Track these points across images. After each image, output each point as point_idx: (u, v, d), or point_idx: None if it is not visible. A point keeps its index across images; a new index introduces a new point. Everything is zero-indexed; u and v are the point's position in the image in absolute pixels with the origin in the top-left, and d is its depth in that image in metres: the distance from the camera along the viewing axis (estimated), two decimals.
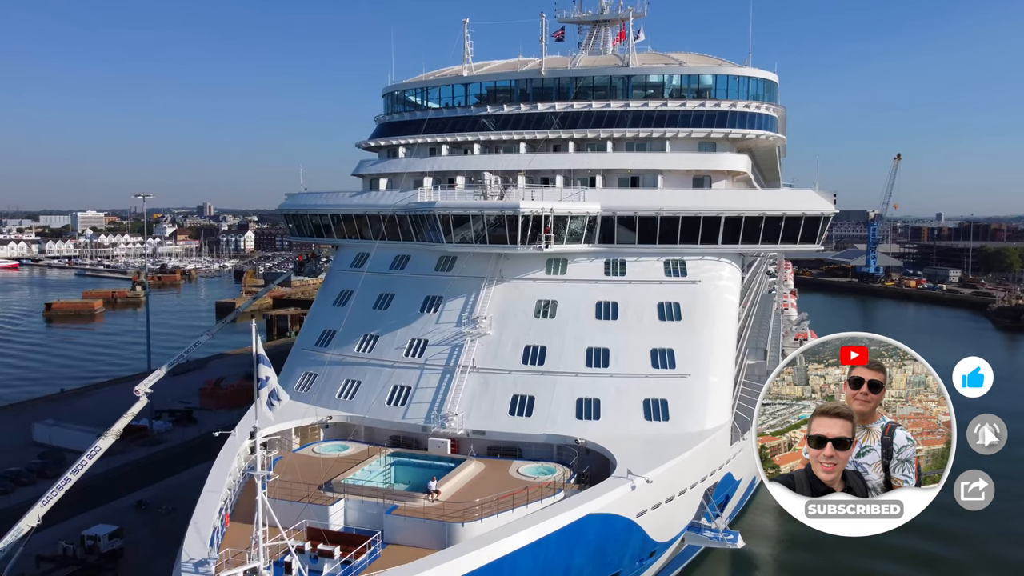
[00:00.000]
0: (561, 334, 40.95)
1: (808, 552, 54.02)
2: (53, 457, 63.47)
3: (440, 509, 29.83)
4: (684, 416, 36.84)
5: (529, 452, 37.13)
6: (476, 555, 25.29)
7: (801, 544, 55.04)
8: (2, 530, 44.21)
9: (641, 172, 46.32)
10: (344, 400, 40.87)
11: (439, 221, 41.85)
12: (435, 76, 54.87)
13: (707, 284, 42.10)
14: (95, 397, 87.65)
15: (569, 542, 28.17)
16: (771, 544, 54.00)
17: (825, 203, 42.34)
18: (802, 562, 50.20)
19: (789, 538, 55.99)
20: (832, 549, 53.81)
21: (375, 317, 44.32)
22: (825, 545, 54.79)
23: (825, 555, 52.44)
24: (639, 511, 31.17)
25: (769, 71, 51.06)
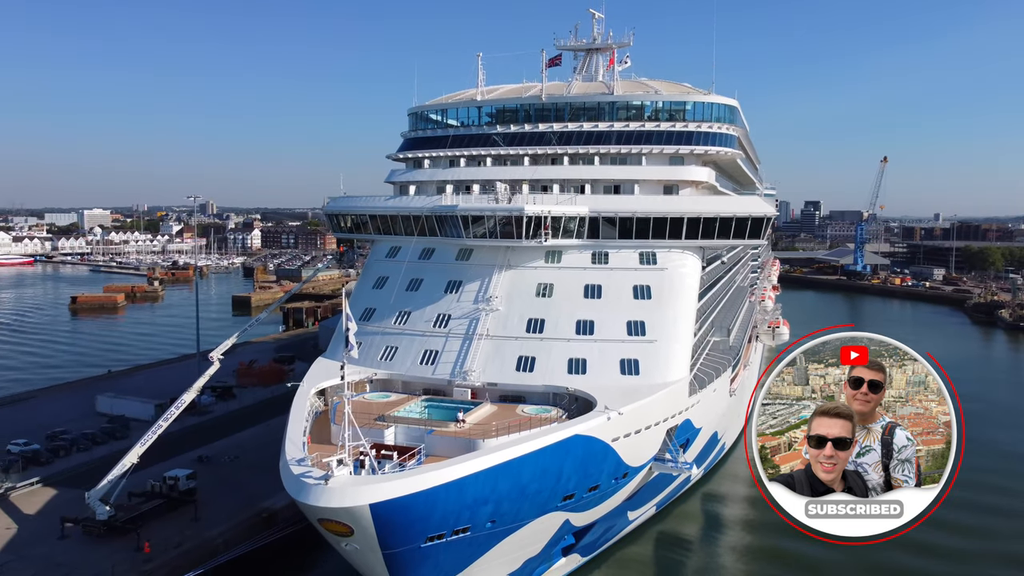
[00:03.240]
0: (556, 309, 50.82)
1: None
2: (119, 422, 73.99)
3: (466, 431, 40.34)
4: (651, 371, 47.02)
5: (531, 399, 46.94)
6: (494, 456, 35.54)
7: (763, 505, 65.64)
8: (97, 475, 54.75)
9: (622, 181, 56.19)
10: (385, 361, 51.13)
11: (460, 220, 52.12)
12: (453, 99, 65.11)
13: (672, 271, 52.09)
14: (141, 376, 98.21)
15: (560, 454, 38.43)
16: (741, 506, 64.29)
17: (767, 207, 52.68)
18: (769, 520, 59.86)
19: (755, 500, 66.71)
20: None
21: (408, 297, 54.46)
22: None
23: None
24: (613, 437, 41.30)
25: (730, 97, 61.54)
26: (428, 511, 33.46)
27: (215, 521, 52.32)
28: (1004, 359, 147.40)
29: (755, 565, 52.42)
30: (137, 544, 47.76)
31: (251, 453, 67.10)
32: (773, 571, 51.24)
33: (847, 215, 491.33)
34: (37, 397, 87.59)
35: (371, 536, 32.96)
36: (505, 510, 37.14)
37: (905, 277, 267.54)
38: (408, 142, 64.74)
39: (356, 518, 32.16)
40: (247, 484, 59.29)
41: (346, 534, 33.28)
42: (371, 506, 31.81)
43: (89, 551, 48.05)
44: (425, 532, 34.25)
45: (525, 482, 37.04)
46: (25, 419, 75.90)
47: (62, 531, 50.19)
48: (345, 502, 31.71)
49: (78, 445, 67.31)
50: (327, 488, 31.90)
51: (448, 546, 35.77)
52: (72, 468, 62.69)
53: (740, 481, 70.91)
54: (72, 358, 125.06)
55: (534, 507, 38.68)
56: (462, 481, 34.04)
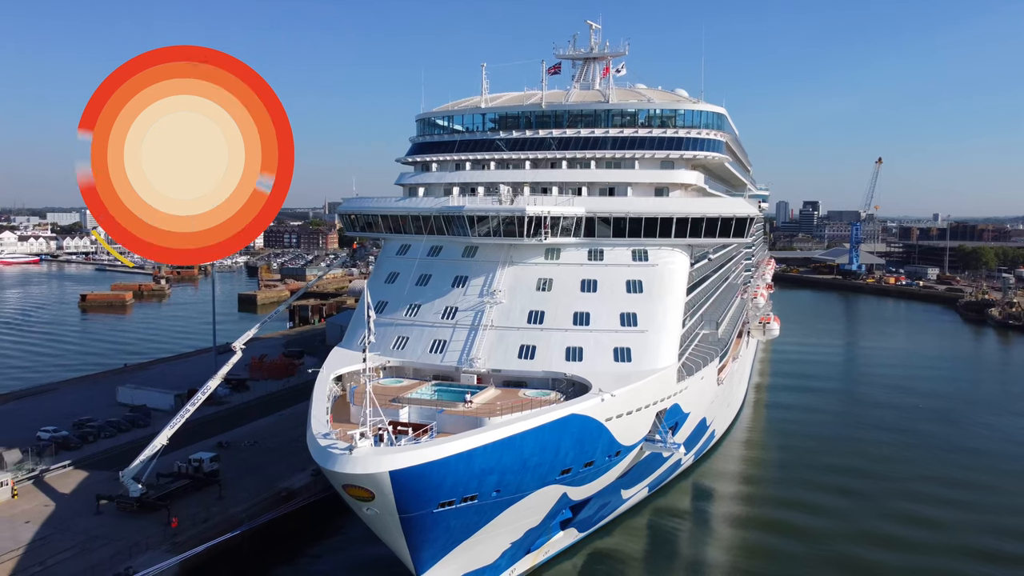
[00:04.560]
0: (555, 302, 54.96)
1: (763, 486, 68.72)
2: (141, 411, 78.38)
3: (473, 411, 44.45)
4: (642, 359, 51.09)
5: (532, 384, 51.07)
6: (499, 431, 39.52)
7: (756, 480, 70.30)
8: (124, 459, 58.96)
9: (616, 184, 60.33)
10: (397, 350, 55.21)
11: (466, 220, 56.18)
12: (458, 106, 69.20)
13: (662, 267, 56.19)
14: (156, 370, 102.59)
15: (558, 430, 42.48)
16: (731, 490, 68.35)
17: (750, 207, 56.76)
18: (757, 509, 63.75)
19: (746, 478, 71.03)
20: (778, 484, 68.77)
21: (418, 291, 58.53)
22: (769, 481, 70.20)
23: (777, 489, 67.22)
24: (607, 417, 45.34)
25: (719, 105, 65.70)
26: (440, 479, 37.52)
27: (238, 499, 56.55)
28: (990, 358, 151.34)
29: (742, 550, 56.23)
30: (167, 519, 51.88)
31: (268, 439, 71.43)
32: (761, 557, 55.02)
33: (845, 215, 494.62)
34: (59, 389, 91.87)
35: (390, 501, 37.03)
36: (509, 481, 41.21)
37: (899, 276, 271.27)
38: (416, 146, 68.82)
39: (377, 483, 36.22)
40: (266, 467, 63.53)
41: (367, 499, 37.34)
42: (391, 473, 35.86)
43: (123, 525, 52.30)
44: (437, 498, 38.33)
45: (527, 455, 41.11)
46: (50, 408, 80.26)
47: (97, 508, 54.41)
48: (368, 469, 35.77)
49: (104, 432, 71.65)
50: (352, 457, 35.95)
51: (458, 512, 39.86)
52: (100, 452, 67.01)
53: (731, 466, 75.26)
54: (87, 353, 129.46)
55: (535, 479, 42.76)
56: (470, 453, 38.10)
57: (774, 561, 54.21)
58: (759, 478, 72.24)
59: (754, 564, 53.74)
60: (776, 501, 65.43)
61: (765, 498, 66.34)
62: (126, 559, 46.68)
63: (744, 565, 53.63)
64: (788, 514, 62.31)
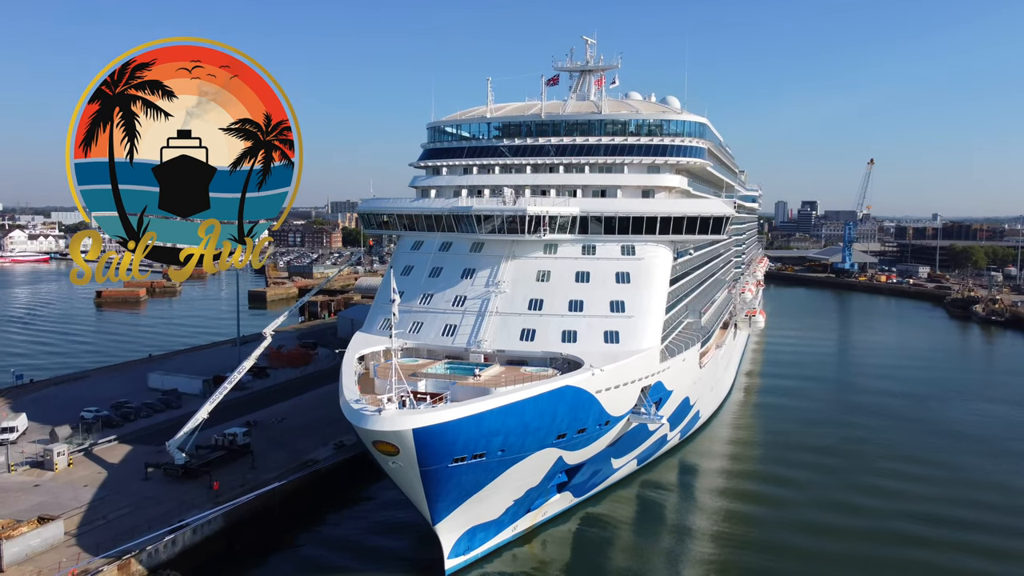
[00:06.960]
0: (553, 291, 61.52)
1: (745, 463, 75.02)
2: (172, 395, 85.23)
3: (481, 383, 51.29)
4: (628, 340, 57.82)
5: (532, 362, 57.51)
6: (503, 398, 46.03)
7: (739, 458, 76.78)
8: (161, 435, 65.82)
9: (607, 187, 67.14)
10: (412, 334, 61.86)
11: (474, 219, 62.90)
12: (466, 115, 76.08)
13: (648, 261, 62.66)
14: (180, 359, 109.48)
15: (555, 399, 49.18)
16: (716, 466, 75.06)
17: (726, 208, 63.58)
18: (739, 483, 70.11)
19: (730, 456, 77.18)
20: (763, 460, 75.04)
21: (431, 282, 65.21)
22: (752, 458, 76.54)
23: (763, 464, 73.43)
24: (597, 389, 51.97)
25: (701, 116, 72.65)
26: (454, 437, 44.31)
27: (269, 468, 63.31)
28: (971, 351, 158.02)
29: (722, 516, 62.32)
30: (209, 483, 58.78)
31: (292, 419, 78.25)
32: (738, 522, 61.03)
33: (842, 215, 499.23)
34: (91, 376, 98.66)
35: (412, 455, 43.84)
36: (512, 442, 48.03)
37: (891, 274, 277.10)
38: (428, 152, 75.69)
39: (402, 439, 43.03)
40: (292, 442, 70.41)
41: (393, 453, 44.16)
42: (414, 430, 42.64)
43: (170, 488, 59.13)
44: (452, 454, 45.13)
45: (527, 420, 47.88)
46: (87, 393, 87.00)
47: (146, 474, 61.24)
48: (395, 426, 42.54)
49: (142, 412, 78.62)
50: (381, 417, 42.74)
51: (468, 468, 46.70)
52: (140, 430, 73.91)
53: (716, 445, 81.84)
54: (110, 344, 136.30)
55: (535, 441, 49.60)
56: (480, 415, 44.87)
57: (750, 525, 60.13)
58: (742, 456, 78.50)
59: (732, 528, 59.69)
60: (756, 475, 71.65)
61: (746, 473, 72.60)
62: (177, 514, 53.47)
63: (722, 529, 59.61)
64: (765, 487, 68.48)
